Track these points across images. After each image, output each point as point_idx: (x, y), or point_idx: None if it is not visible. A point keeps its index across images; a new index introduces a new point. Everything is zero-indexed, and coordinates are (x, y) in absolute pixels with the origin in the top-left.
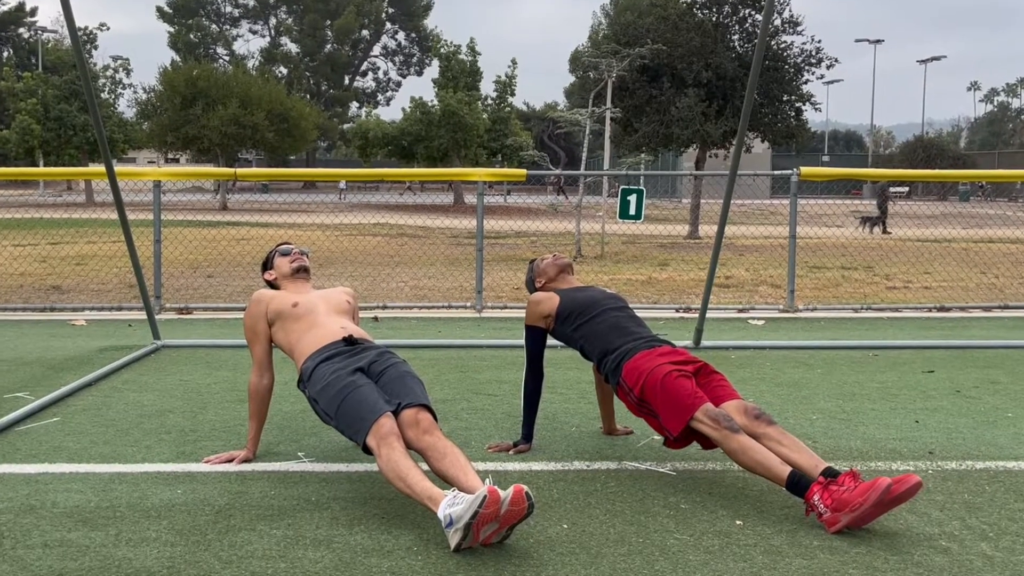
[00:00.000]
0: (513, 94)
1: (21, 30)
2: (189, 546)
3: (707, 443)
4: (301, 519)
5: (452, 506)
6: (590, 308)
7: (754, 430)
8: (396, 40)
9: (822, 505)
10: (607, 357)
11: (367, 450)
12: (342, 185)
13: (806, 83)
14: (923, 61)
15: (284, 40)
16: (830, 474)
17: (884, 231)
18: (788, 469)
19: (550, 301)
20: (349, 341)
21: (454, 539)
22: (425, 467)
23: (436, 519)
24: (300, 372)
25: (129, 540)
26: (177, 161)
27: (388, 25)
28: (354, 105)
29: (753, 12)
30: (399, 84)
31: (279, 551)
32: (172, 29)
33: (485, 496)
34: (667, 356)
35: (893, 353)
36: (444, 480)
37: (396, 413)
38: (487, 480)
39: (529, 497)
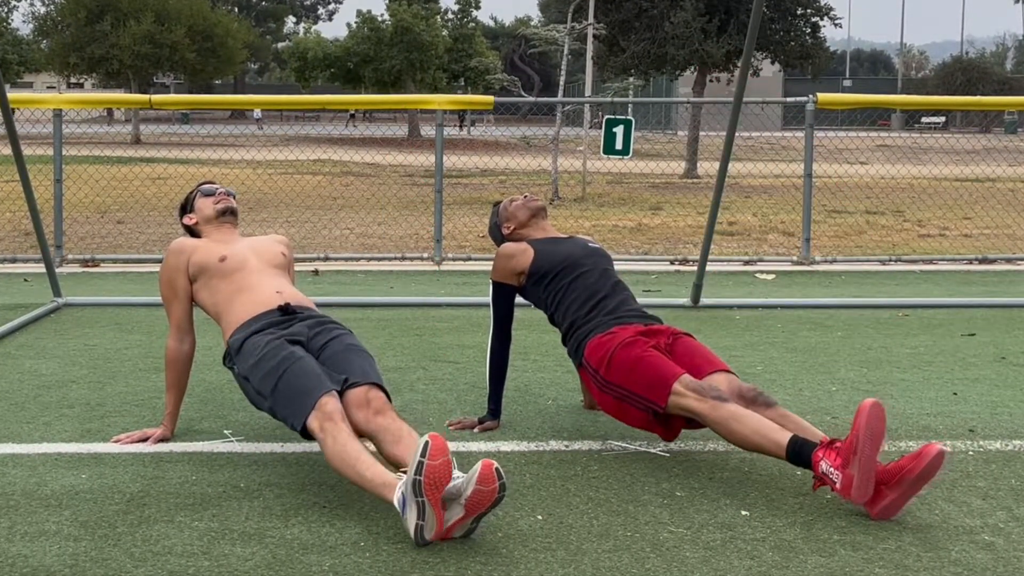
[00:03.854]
0: (478, 7)
1: None
2: (95, 540)
3: (692, 423)
4: (228, 509)
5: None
6: (569, 268)
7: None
8: None
9: (832, 469)
10: (572, 333)
11: (306, 434)
12: (256, 114)
13: None
14: None
15: None
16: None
17: None
18: (788, 435)
19: (524, 255)
20: (285, 310)
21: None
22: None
23: (389, 510)
24: (227, 346)
25: (25, 533)
26: (81, 86)
27: None
28: (290, 20)
29: None
30: None
31: (202, 546)
32: None
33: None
34: (638, 330)
35: (927, 313)
36: (400, 468)
37: (341, 393)
38: (452, 464)
39: (500, 475)
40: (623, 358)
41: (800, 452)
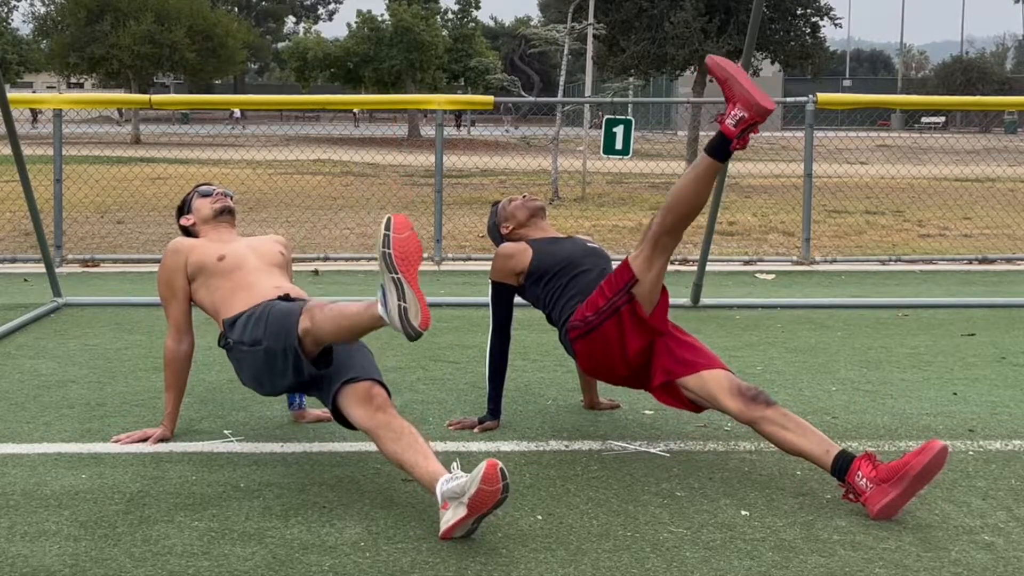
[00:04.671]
0: (478, 7)
1: None
2: (95, 540)
3: (694, 405)
4: (228, 509)
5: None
6: (568, 267)
7: (750, 415)
8: None
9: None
10: (564, 323)
11: (307, 352)
12: (236, 114)
13: None
14: None
15: None
16: (843, 463)
17: None
18: (705, 154)
19: (523, 255)
20: (285, 299)
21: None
22: (374, 449)
23: (389, 509)
24: (222, 329)
25: (24, 534)
26: (81, 86)
27: None
28: (290, 20)
29: None
30: None
31: (202, 546)
32: None
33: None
34: None
35: (927, 313)
36: (399, 467)
37: (343, 387)
38: (454, 465)
39: (504, 475)
40: (595, 291)
41: (717, 141)
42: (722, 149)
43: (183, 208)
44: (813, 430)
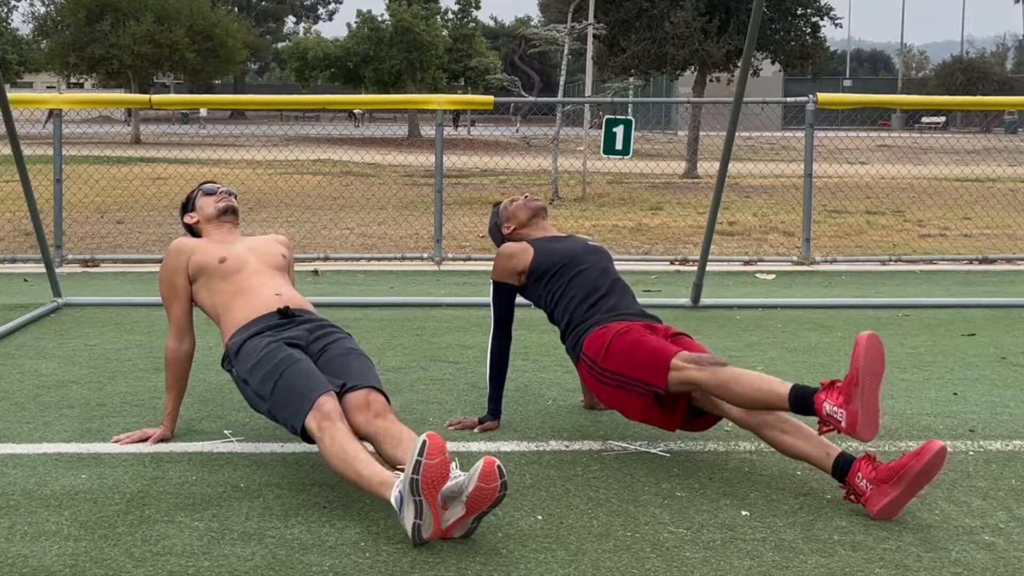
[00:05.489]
0: (478, 7)
1: None
2: (95, 541)
3: (698, 422)
4: (227, 509)
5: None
6: (569, 266)
7: (753, 418)
8: None
9: (836, 408)
10: (570, 330)
11: (305, 435)
12: (202, 113)
13: None
14: None
15: None
16: (843, 465)
17: None
18: (789, 385)
19: (524, 254)
20: (284, 313)
21: (409, 518)
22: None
23: (389, 509)
24: (226, 348)
25: (24, 534)
26: (81, 86)
27: None
28: (290, 20)
29: None
30: None
31: (202, 547)
32: None
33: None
34: (636, 323)
35: (927, 313)
36: (398, 468)
37: (341, 396)
38: (453, 465)
39: (502, 473)
40: (620, 345)
41: (802, 398)
42: (803, 410)
43: (187, 205)
44: (812, 432)
